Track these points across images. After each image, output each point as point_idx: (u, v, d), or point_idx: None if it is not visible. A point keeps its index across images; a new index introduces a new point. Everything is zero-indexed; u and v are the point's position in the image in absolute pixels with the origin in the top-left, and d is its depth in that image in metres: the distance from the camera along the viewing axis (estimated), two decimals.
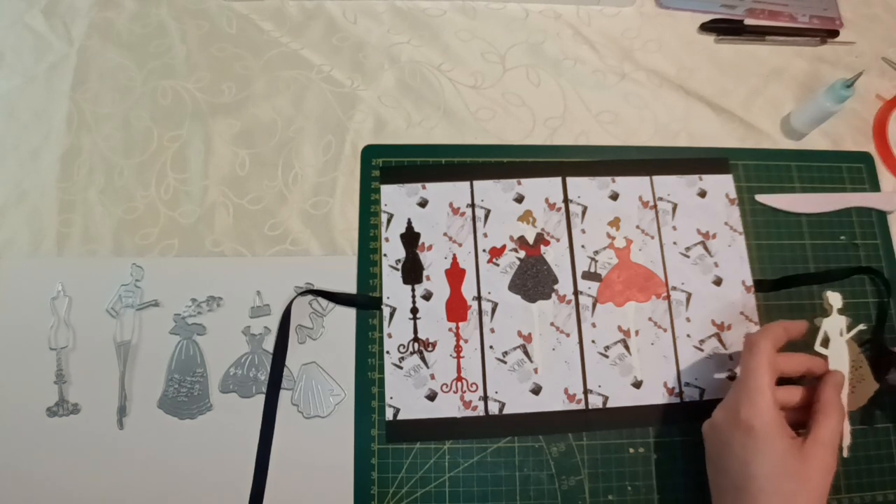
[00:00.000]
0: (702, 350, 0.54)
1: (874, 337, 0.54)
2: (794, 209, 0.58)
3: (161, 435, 0.50)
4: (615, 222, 0.57)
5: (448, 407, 0.52)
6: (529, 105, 0.61)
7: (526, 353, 0.53)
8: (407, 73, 0.61)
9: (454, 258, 0.55)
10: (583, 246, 0.56)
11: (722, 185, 0.58)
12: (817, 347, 0.50)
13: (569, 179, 0.58)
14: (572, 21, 0.64)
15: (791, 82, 0.64)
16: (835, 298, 0.52)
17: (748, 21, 0.65)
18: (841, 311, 0.52)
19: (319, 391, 0.52)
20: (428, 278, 0.55)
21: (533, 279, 0.55)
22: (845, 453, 0.49)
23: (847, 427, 0.50)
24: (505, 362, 0.53)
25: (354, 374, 0.52)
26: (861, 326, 0.52)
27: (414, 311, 0.54)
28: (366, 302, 0.54)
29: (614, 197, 0.57)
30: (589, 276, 0.55)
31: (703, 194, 0.58)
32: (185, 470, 0.50)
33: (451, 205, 0.56)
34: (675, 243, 0.56)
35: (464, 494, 0.50)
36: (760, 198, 0.58)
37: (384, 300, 0.54)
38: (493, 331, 0.53)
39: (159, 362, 0.52)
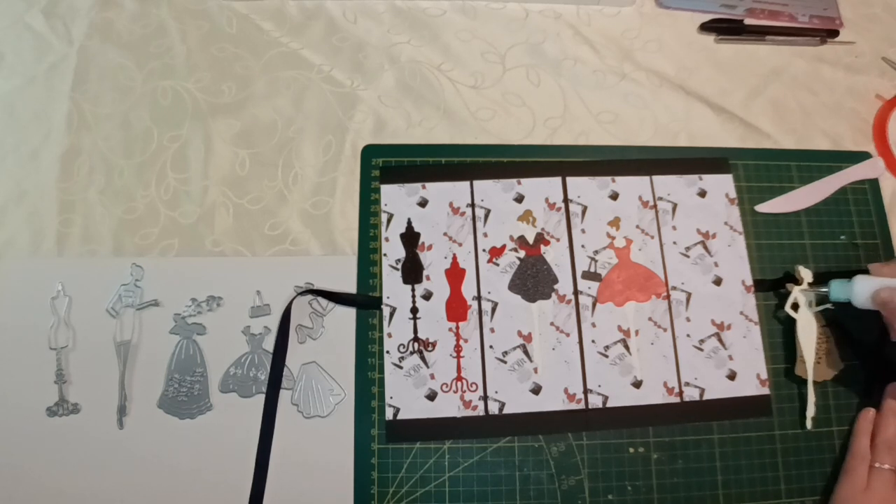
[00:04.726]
0: (702, 350, 0.54)
1: (878, 348, 0.54)
2: (793, 208, 0.58)
3: (161, 435, 0.50)
4: (615, 222, 0.57)
5: (448, 407, 0.52)
6: (529, 105, 0.61)
7: (526, 352, 0.53)
8: (407, 73, 0.61)
9: (454, 258, 0.55)
10: (583, 246, 0.56)
11: (722, 184, 0.58)
12: (787, 310, 0.54)
13: (569, 179, 0.58)
14: (572, 21, 0.64)
15: (791, 82, 0.64)
16: (806, 273, 0.54)
17: (748, 21, 0.65)
18: (811, 285, 0.54)
19: (319, 391, 0.52)
20: (428, 278, 0.55)
21: (533, 279, 0.55)
22: (809, 425, 0.52)
23: (812, 398, 0.52)
24: (505, 362, 0.53)
25: (354, 374, 0.52)
26: (828, 305, 0.53)
27: (414, 310, 0.54)
28: (366, 302, 0.54)
29: (614, 197, 0.57)
30: (589, 275, 0.55)
31: (702, 194, 0.58)
32: (185, 470, 0.50)
33: (451, 205, 0.56)
34: (675, 243, 0.56)
35: (464, 494, 0.50)
36: (760, 208, 0.58)
37: (384, 300, 0.54)
38: (493, 331, 0.53)
39: (159, 362, 0.52)
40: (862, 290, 0.49)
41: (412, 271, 0.55)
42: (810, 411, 0.52)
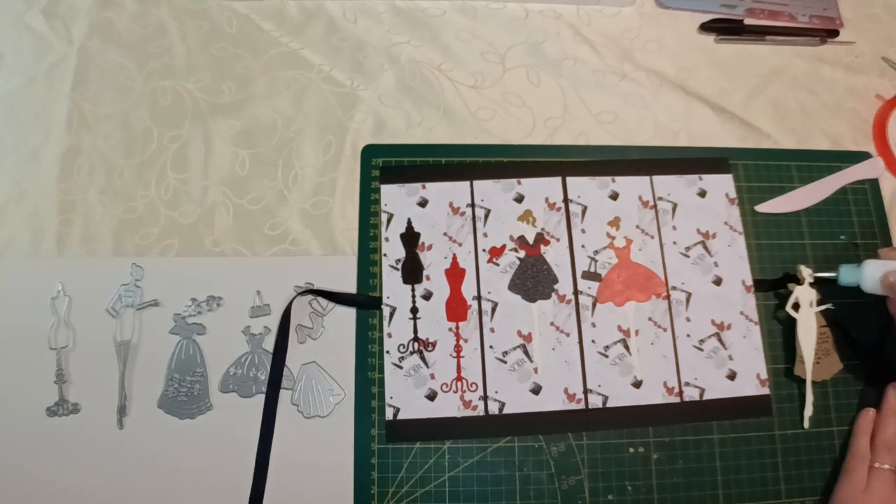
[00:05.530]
0: (702, 350, 0.54)
1: (878, 348, 0.54)
2: (793, 208, 0.58)
3: (161, 435, 0.50)
4: (615, 222, 0.57)
5: (448, 407, 0.52)
6: (529, 105, 0.61)
7: (526, 352, 0.53)
8: (407, 73, 0.61)
9: (454, 258, 0.55)
10: (583, 246, 0.56)
11: (722, 184, 0.58)
12: (788, 309, 0.54)
13: (569, 179, 0.58)
14: (572, 21, 0.64)
15: (791, 82, 0.64)
16: (807, 272, 0.54)
17: (748, 21, 0.65)
18: (812, 285, 0.54)
19: (319, 391, 0.52)
20: (428, 278, 0.55)
21: (533, 279, 0.55)
22: (806, 424, 0.52)
23: (809, 398, 0.52)
24: (505, 362, 0.53)
25: (354, 374, 0.52)
26: (829, 305, 0.53)
27: (414, 310, 0.54)
28: (366, 302, 0.54)
29: (614, 197, 0.57)
30: (589, 275, 0.55)
31: (702, 194, 0.58)
32: (185, 470, 0.50)
33: (451, 205, 0.56)
34: (675, 243, 0.56)
35: (464, 494, 0.50)
36: (760, 208, 0.58)
37: (384, 300, 0.54)
38: (493, 331, 0.53)
39: (159, 362, 0.52)
40: (871, 274, 0.49)
41: (412, 271, 0.55)
42: (808, 411, 0.52)
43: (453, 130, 0.60)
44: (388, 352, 0.53)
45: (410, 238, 0.56)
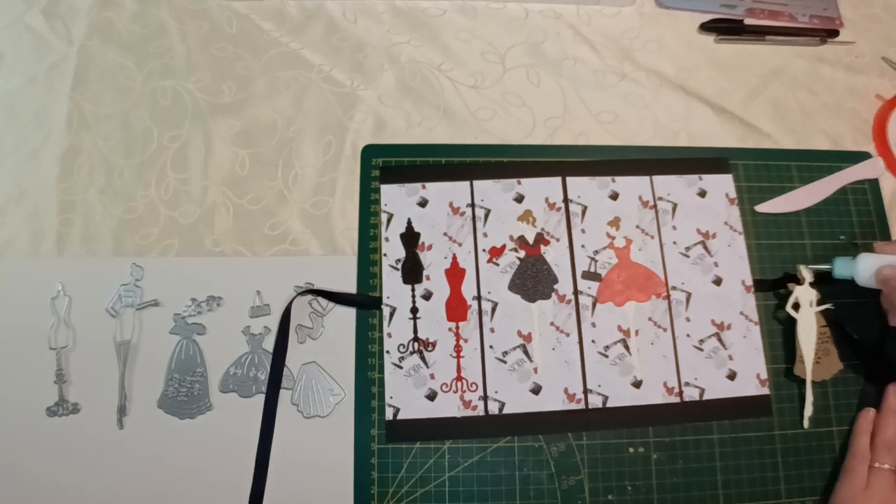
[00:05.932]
0: (702, 350, 0.54)
1: (878, 348, 0.54)
2: (793, 208, 0.58)
3: (161, 435, 0.50)
4: (615, 222, 0.57)
5: (448, 407, 0.52)
6: (529, 105, 0.61)
7: (526, 352, 0.53)
8: (407, 73, 0.61)
9: (454, 258, 0.55)
10: (583, 246, 0.56)
11: (722, 184, 0.58)
12: (788, 309, 0.54)
13: (569, 179, 0.58)
14: (572, 21, 0.64)
15: (791, 82, 0.64)
16: (807, 273, 0.54)
17: (748, 21, 0.65)
18: (812, 285, 0.54)
19: (319, 391, 0.52)
20: (428, 278, 0.55)
21: (533, 279, 0.55)
22: (806, 424, 0.52)
23: (809, 398, 0.52)
24: (505, 362, 0.53)
25: (354, 373, 0.52)
26: (829, 305, 0.53)
27: (414, 310, 0.54)
28: (366, 302, 0.54)
29: (614, 197, 0.57)
30: (589, 275, 0.55)
31: (702, 194, 0.58)
32: (185, 470, 0.50)
33: (451, 205, 0.56)
34: (674, 243, 0.56)
35: (464, 494, 0.50)
36: (760, 208, 0.58)
37: (384, 300, 0.54)
38: (492, 330, 0.53)
39: (159, 362, 0.52)
40: (865, 268, 0.49)
41: (412, 271, 0.55)
42: (808, 411, 0.52)
43: (453, 130, 0.60)
44: (388, 352, 0.53)
45: (410, 238, 0.56)
